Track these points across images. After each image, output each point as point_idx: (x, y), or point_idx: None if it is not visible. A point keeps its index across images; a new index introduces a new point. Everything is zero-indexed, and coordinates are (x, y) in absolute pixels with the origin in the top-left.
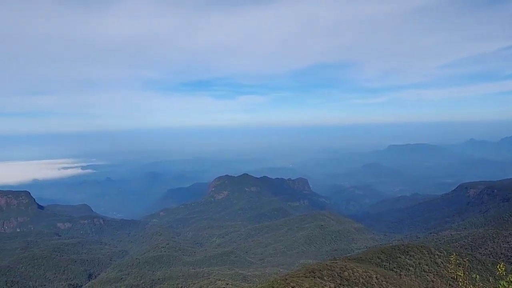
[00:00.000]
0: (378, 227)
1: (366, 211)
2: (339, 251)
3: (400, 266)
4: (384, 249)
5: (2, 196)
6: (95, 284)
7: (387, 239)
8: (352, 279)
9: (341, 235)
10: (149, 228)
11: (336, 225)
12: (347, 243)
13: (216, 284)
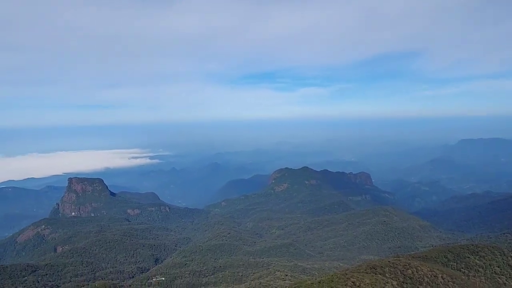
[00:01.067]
0: (446, 225)
1: (433, 208)
2: (403, 248)
3: (468, 267)
4: (452, 248)
5: (78, 183)
6: (161, 268)
7: (455, 238)
8: (416, 278)
9: (405, 232)
10: (212, 217)
11: (400, 221)
12: (411, 240)
13: (276, 275)
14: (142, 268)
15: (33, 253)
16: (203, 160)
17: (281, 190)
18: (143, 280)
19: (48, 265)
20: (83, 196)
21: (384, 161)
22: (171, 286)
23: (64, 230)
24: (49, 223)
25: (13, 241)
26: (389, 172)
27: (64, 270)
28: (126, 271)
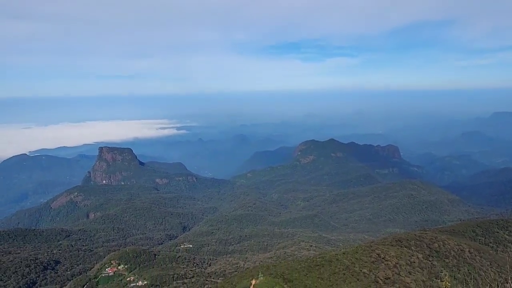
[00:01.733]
0: (475, 199)
1: (463, 182)
2: (430, 222)
3: (497, 242)
4: (481, 223)
5: (109, 152)
6: (189, 236)
7: (484, 212)
8: (442, 251)
9: (433, 206)
10: (237, 188)
11: (428, 195)
12: (438, 214)
13: (300, 245)
14: (170, 235)
15: (66, 219)
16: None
17: (307, 162)
18: (172, 247)
19: (81, 230)
20: (113, 165)
21: (413, 134)
22: (198, 253)
23: (96, 197)
24: (82, 190)
25: (47, 207)
26: (418, 145)
27: (96, 235)
28: (155, 237)
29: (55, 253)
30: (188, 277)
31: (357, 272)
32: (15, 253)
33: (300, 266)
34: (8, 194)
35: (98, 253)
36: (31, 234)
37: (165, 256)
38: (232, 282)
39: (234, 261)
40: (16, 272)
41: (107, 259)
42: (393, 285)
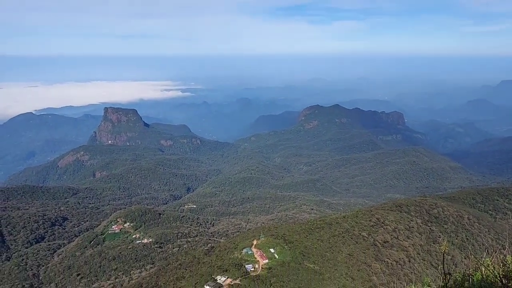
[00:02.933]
0: (477, 167)
1: (466, 150)
2: (430, 188)
3: (496, 209)
4: (481, 191)
5: (114, 112)
6: (193, 196)
7: (486, 180)
8: (441, 217)
9: (434, 173)
10: (241, 151)
11: (430, 162)
12: (440, 181)
13: (301, 208)
14: (175, 195)
15: (73, 177)
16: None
17: (311, 127)
18: (176, 207)
19: (88, 188)
20: (118, 126)
21: (419, 101)
22: (201, 213)
23: (102, 157)
24: (88, 150)
25: (54, 165)
26: (423, 112)
27: (102, 194)
28: (160, 197)
29: (62, 210)
30: (192, 236)
31: (356, 235)
32: (24, 209)
33: (301, 228)
34: (16, 151)
35: (104, 211)
36: (39, 191)
37: (169, 216)
38: (235, 242)
39: (236, 222)
40: (25, 227)
41: (113, 217)
42: (391, 248)
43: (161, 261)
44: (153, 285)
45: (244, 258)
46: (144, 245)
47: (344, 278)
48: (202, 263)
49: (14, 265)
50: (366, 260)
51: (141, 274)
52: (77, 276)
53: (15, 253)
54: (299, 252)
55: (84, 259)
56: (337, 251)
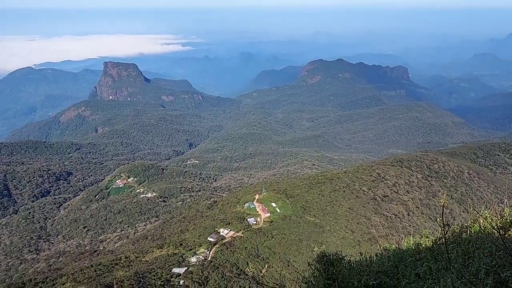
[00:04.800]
0: (480, 123)
1: (469, 105)
2: (432, 144)
3: (497, 164)
4: (482, 146)
5: (114, 67)
6: (195, 152)
7: (488, 136)
8: (441, 172)
9: (437, 128)
10: (243, 107)
11: (433, 117)
12: (442, 136)
13: (303, 164)
14: (177, 151)
15: (75, 132)
16: (236, 48)
17: (314, 82)
18: (179, 162)
19: (90, 144)
20: (119, 81)
21: (424, 55)
22: (204, 168)
23: (103, 112)
24: (89, 105)
25: (56, 120)
26: (428, 67)
27: (105, 149)
28: (162, 153)
29: (66, 165)
30: (195, 190)
31: (356, 189)
32: (28, 164)
33: (302, 183)
34: (16, 107)
35: (108, 166)
36: (42, 146)
37: (172, 171)
38: (237, 196)
39: (238, 177)
40: (31, 182)
41: (117, 172)
42: (391, 202)
43: (165, 215)
44: (158, 237)
45: (246, 212)
46: (148, 199)
47: (344, 231)
48: (205, 216)
49: (21, 218)
50: (366, 214)
51: (146, 227)
52: (84, 228)
53: (21, 206)
54: (300, 206)
55: (90, 213)
56: (337, 205)
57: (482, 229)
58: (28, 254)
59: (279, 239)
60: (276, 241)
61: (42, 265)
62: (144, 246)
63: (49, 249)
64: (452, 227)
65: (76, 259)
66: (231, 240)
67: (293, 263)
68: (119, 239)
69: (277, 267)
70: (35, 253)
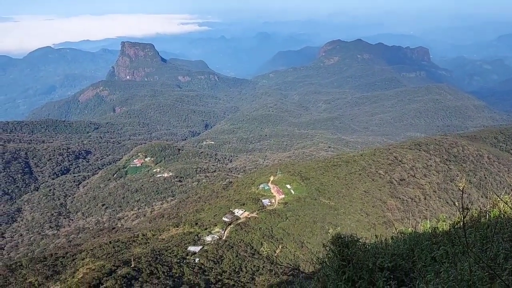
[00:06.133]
0: (502, 106)
1: (492, 88)
2: (452, 127)
3: None
4: (504, 130)
5: (131, 47)
6: (211, 133)
7: (510, 119)
8: (460, 156)
9: (457, 111)
10: (259, 88)
11: (453, 100)
12: (462, 120)
13: (319, 146)
14: (193, 132)
15: (94, 112)
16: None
17: (331, 63)
18: (195, 143)
19: (109, 123)
20: (136, 61)
21: (446, 36)
22: (219, 149)
23: (121, 92)
24: (107, 85)
25: (75, 100)
26: (449, 48)
27: (123, 129)
28: (179, 133)
29: (85, 144)
30: (210, 171)
31: (373, 172)
32: (48, 142)
33: (318, 165)
34: (36, 86)
35: (125, 146)
36: (62, 125)
37: (188, 151)
38: (252, 178)
39: (254, 159)
40: (51, 160)
41: (135, 151)
42: (407, 186)
43: (181, 194)
44: (174, 216)
45: (261, 193)
46: (164, 179)
47: (359, 214)
48: (220, 197)
49: (42, 195)
50: (382, 197)
51: (162, 206)
52: (102, 206)
53: (42, 184)
54: (315, 188)
55: (108, 191)
56: (353, 188)
57: (502, 214)
58: (49, 229)
59: (293, 220)
60: (290, 222)
61: (62, 241)
62: (161, 225)
63: (69, 225)
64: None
65: (95, 235)
66: (245, 220)
67: (307, 244)
68: (136, 217)
69: (291, 248)
70: (55, 229)
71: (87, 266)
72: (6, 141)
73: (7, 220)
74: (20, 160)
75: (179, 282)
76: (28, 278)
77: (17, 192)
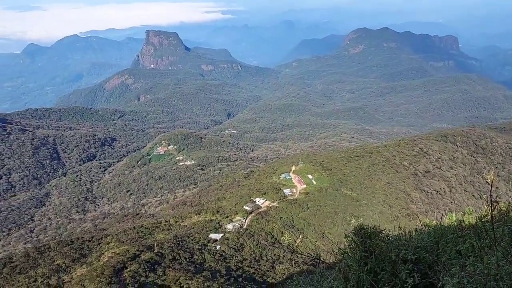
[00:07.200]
0: None
1: None
2: (480, 118)
3: None
4: None
5: (155, 36)
6: (233, 122)
7: None
8: (488, 149)
9: (486, 102)
10: (282, 77)
11: (482, 90)
12: (491, 111)
13: (342, 136)
14: (215, 120)
15: (119, 100)
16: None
17: (356, 52)
18: (217, 132)
19: (133, 111)
20: (160, 49)
21: (476, 24)
22: (241, 138)
23: (145, 80)
24: (132, 73)
25: (101, 88)
26: (479, 37)
27: (147, 117)
28: (201, 122)
29: (111, 131)
30: (232, 160)
31: (397, 164)
32: (75, 129)
33: (340, 156)
34: (64, 74)
35: (149, 134)
36: (88, 113)
37: (210, 140)
38: (273, 167)
39: (275, 148)
40: (78, 146)
41: (158, 139)
42: (432, 178)
43: (203, 182)
44: (196, 204)
45: (282, 183)
46: (187, 167)
47: (382, 205)
48: (242, 185)
49: (70, 180)
50: (405, 189)
51: (184, 193)
52: (127, 192)
53: (69, 169)
54: (337, 179)
55: (132, 177)
56: (376, 179)
57: None
58: (75, 214)
59: (315, 210)
60: (311, 212)
61: (88, 225)
62: (183, 212)
63: (95, 210)
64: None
65: (120, 220)
66: (266, 209)
67: (327, 235)
68: (160, 203)
69: (311, 238)
70: (82, 213)
71: (112, 250)
72: (35, 127)
73: (36, 204)
74: (49, 146)
75: (200, 268)
76: (56, 260)
77: (45, 177)
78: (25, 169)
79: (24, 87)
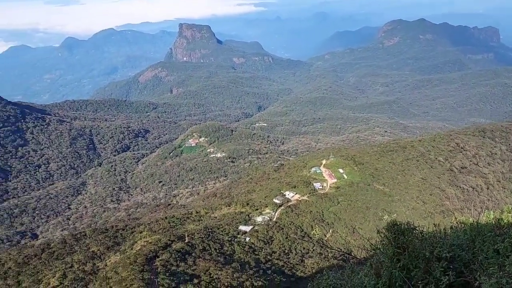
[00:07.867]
0: None
1: None
2: None
3: None
4: None
5: (188, 29)
6: (264, 115)
7: None
8: None
9: None
10: (314, 70)
11: None
12: None
13: (374, 130)
14: (246, 113)
15: (152, 92)
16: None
17: (391, 44)
18: (248, 124)
19: (166, 104)
20: (193, 42)
21: None
22: (272, 131)
23: (178, 73)
24: (165, 66)
25: (135, 80)
26: None
27: (179, 109)
28: (232, 115)
29: (144, 123)
30: (262, 152)
31: (431, 159)
32: (110, 120)
33: (372, 150)
34: (100, 66)
35: (181, 126)
36: (123, 105)
37: (241, 132)
38: (304, 161)
39: (306, 141)
40: (113, 138)
41: (190, 131)
42: (469, 174)
43: (233, 175)
44: (226, 196)
45: (313, 177)
46: (217, 159)
47: (415, 201)
48: (272, 178)
49: (105, 170)
50: (440, 185)
51: (215, 185)
52: (159, 183)
53: (105, 160)
54: (369, 173)
55: (164, 169)
56: (409, 174)
57: None
58: (110, 203)
59: (345, 205)
60: (342, 207)
61: (122, 214)
62: (213, 203)
63: (129, 200)
64: None
65: (152, 210)
66: (296, 203)
67: (358, 230)
68: (191, 194)
69: (342, 233)
70: (116, 202)
71: (144, 239)
72: (73, 118)
73: (73, 192)
74: (85, 137)
75: (230, 259)
76: (91, 248)
77: (82, 167)
78: (62, 158)
79: (62, 79)
